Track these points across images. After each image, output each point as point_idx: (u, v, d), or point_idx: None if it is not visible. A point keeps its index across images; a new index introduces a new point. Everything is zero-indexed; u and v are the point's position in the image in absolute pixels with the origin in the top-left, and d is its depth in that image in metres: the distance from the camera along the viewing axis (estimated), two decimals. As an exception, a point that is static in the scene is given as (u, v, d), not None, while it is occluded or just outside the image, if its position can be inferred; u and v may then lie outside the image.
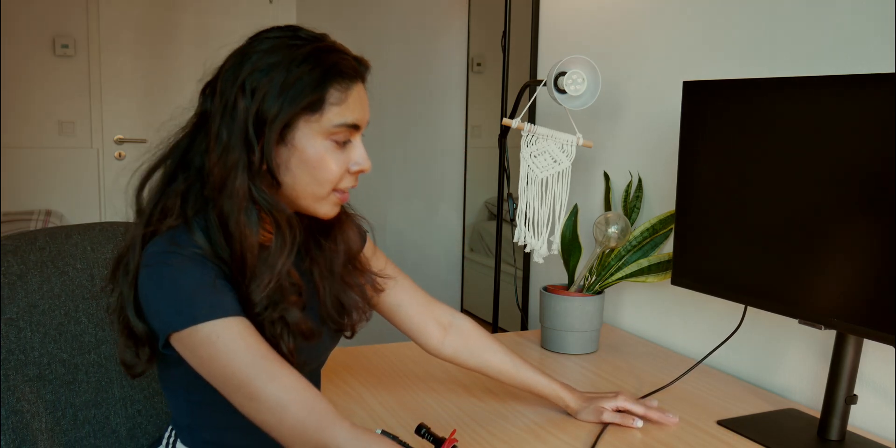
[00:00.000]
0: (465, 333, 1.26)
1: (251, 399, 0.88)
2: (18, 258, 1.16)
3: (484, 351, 1.25)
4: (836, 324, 1.14)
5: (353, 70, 0.97)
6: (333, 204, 1.01)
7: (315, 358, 1.09)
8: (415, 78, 2.98)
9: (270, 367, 0.89)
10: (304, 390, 0.89)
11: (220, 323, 0.89)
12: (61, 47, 4.01)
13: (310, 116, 0.94)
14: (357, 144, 1.00)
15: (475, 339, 1.26)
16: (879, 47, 1.24)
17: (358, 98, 0.97)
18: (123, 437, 1.23)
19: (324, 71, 0.94)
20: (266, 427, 0.89)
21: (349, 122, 0.96)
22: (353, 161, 0.99)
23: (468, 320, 1.27)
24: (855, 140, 1.09)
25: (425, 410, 1.29)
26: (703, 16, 1.58)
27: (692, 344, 1.63)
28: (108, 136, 4.16)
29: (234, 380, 0.88)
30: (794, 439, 1.20)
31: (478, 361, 1.25)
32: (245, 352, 0.88)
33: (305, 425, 0.87)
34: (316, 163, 0.95)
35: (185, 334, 0.89)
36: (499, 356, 1.26)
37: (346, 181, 0.99)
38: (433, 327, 1.24)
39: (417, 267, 2.99)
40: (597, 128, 1.87)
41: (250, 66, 0.93)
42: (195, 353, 0.90)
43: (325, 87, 0.94)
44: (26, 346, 1.15)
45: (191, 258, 0.91)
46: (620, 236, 1.61)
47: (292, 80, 0.92)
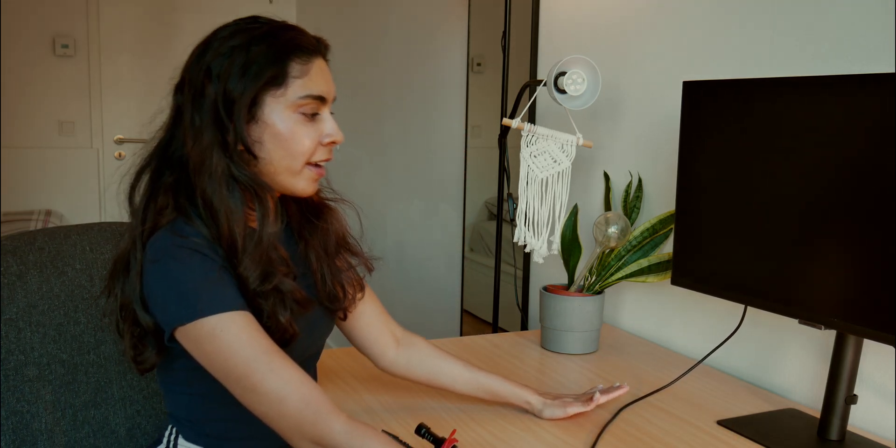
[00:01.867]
0: (419, 348, 1.26)
1: (251, 391, 0.91)
2: (17, 258, 1.16)
3: (437, 361, 1.25)
4: (836, 324, 1.13)
5: (312, 45, 1.00)
6: (310, 179, 1.03)
7: (313, 342, 1.11)
8: (415, 78, 2.98)
9: (271, 360, 0.91)
10: (303, 384, 0.91)
11: (224, 317, 0.91)
12: (61, 47, 4.01)
13: (275, 91, 0.97)
14: (326, 117, 1.02)
15: (429, 352, 1.26)
16: (879, 47, 1.24)
17: (320, 71, 1.00)
18: (122, 438, 1.23)
19: (282, 46, 0.97)
20: (265, 419, 0.92)
21: (314, 93, 0.99)
22: (325, 133, 1.01)
23: (422, 339, 1.28)
24: (855, 140, 1.09)
25: (425, 410, 1.29)
26: (703, 16, 1.58)
27: (692, 344, 1.63)
28: (108, 136, 4.16)
29: (236, 372, 0.91)
30: (794, 439, 1.20)
31: (430, 372, 1.25)
32: (248, 345, 0.91)
33: (303, 417, 0.90)
34: (287, 136, 0.98)
35: (191, 328, 0.91)
36: (451, 365, 1.25)
37: (319, 154, 1.02)
38: (388, 339, 1.24)
39: (417, 267, 2.99)
40: (597, 128, 1.87)
41: (213, 53, 0.97)
42: (199, 346, 0.92)
43: (286, 61, 0.97)
44: (26, 347, 1.15)
45: (195, 250, 0.94)
46: (620, 236, 1.61)
47: (253, 58, 0.96)
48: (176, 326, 0.92)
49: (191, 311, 0.91)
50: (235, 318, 0.92)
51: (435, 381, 1.25)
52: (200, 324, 0.91)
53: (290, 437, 0.92)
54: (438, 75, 2.80)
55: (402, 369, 1.25)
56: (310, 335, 1.08)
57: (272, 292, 0.97)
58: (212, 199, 0.96)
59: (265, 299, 0.96)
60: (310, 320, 1.07)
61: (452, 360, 1.26)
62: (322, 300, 1.10)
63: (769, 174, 1.21)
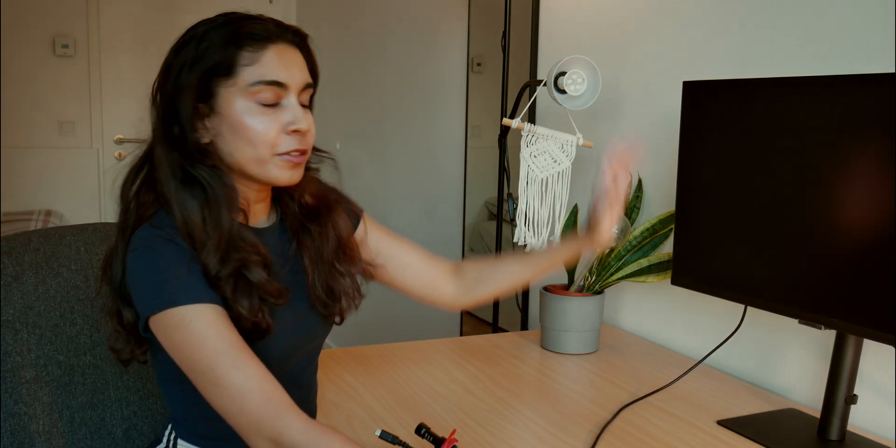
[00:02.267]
0: (467, 270, 1.26)
1: (214, 385, 0.90)
2: (13, 259, 1.16)
3: (491, 272, 1.25)
4: (836, 324, 1.13)
5: (268, 31, 0.97)
6: (282, 168, 0.99)
7: (302, 343, 1.08)
8: (415, 78, 2.98)
9: (237, 355, 0.91)
10: (266, 381, 0.91)
11: (195, 308, 0.91)
12: (61, 47, 4.01)
13: (226, 81, 0.96)
14: (289, 104, 0.98)
15: (478, 269, 1.26)
16: (879, 47, 1.24)
17: (277, 57, 0.97)
18: (119, 439, 1.23)
19: (230, 36, 0.95)
20: (226, 414, 0.91)
21: (266, 79, 0.96)
22: (287, 121, 0.98)
23: (463, 263, 1.28)
24: (855, 140, 1.08)
25: (425, 410, 1.29)
26: (703, 16, 1.57)
27: (692, 344, 1.63)
28: (108, 136, 4.16)
29: (201, 364, 0.91)
30: (794, 439, 1.20)
31: (493, 286, 1.25)
32: (215, 338, 0.91)
33: (262, 414, 0.89)
34: (243, 125, 0.96)
35: (162, 317, 0.92)
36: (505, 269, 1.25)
37: (284, 143, 0.98)
38: (445, 279, 1.25)
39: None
40: (597, 128, 1.86)
41: (173, 50, 0.98)
42: (167, 334, 0.92)
43: (233, 49, 0.95)
44: (23, 348, 1.15)
45: (171, 240, 0.94)
46: (620, 236, 1.60)
47: (202, 49, 0.95)
48: (149, 315, 0.93)
49: (163, 299, 0.91)
50: (206, 311, 0.92)
51: (501, 290, 1.26)
52: (171, 313, 0.91)
53: (247, 435, 0.90)
54: (438, 75, 2.79)
55: (468, 302, 1.26)
56: (296, 334, 1.05)
57: (235, 278, 0.95)
58: (164, 191, 0.96)
59: (227, 285, 0.95)
60: (297, 320, 1.05)
61: (503, 263, 1.26)
62: (314, 303, 1.08)
63: (769, 174, 1.21)
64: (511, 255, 1.27)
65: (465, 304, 1.26)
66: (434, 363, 1.53)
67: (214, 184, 0.97)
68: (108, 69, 4.10)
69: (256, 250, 0.99)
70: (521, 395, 1.37)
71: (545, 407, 1.31)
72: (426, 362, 1.53)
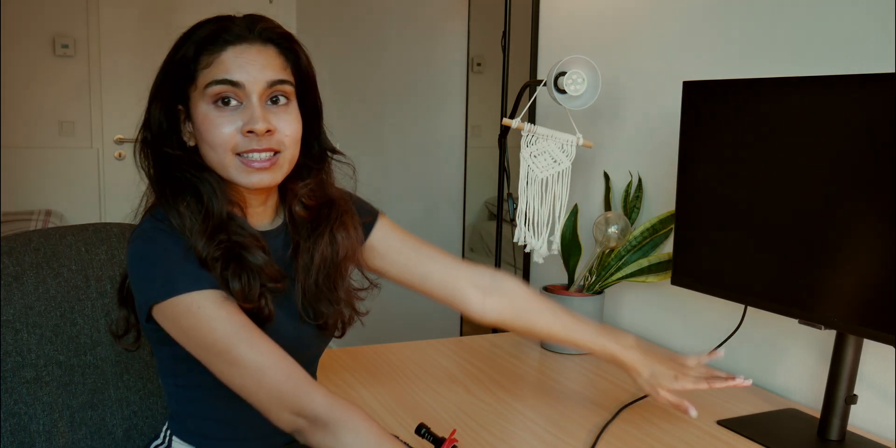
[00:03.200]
0: (507, 294, 1.21)
1: (231, 365, 0.90)
2: (14, 259, 1.16)
3: (530, 312, 1.21)
4: (836, 324, 1.13)
5: (226, 32, 0.96)
6: (241, 170, 0.97)
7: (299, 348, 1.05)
8: (415, 78, 2.98)
9: (250, 334, 0.91)
10: (283, 358, 0.91)
11: (200, 294, 0.92)
12: (61, 47, 4.01)
13: (191, 86, 0.97)
14: (249, 104, 0.95)
15: (519, 300, 1.21)
16: (879, 47, 1.24)
17: (233, 57, 0.95)
18: (120, 439, 1.23)
19: (195, 41, 0.97)
20: (245, 392, 0.91)
21: (219, 78, 0.94)
22: (244, 121, 0.95)
23: (511, 280, 1.23)
24: (855, 140, 1.08)
25: (425, 410, 1.29)
26: (702, 16, 1.57)
27: (692, 344, 1.63)
28: (108, 136, 4.16)
29: (216, 347, 0.91)
30: (794, 439, 1.20)
31: (524, 324, 1.22)
32: (226, 320, 0.91)
33: (283, 389, 0.89)
34: (202, 126, 0.97)
35: (167, 305, 0.92)
36: (546, 318, 1.21)
37: (242, 143, 0.96)
38: (470, 291, 1.19)
39: (417, 267, 2.98)
40: (597, 128, 1.86)
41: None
42: (177, 323, 0.92)
43: (195, 53, 0.96)
44: (23, 348, 1.15)
45: (170, 232, 0.95)
46: (620, 236, 1.61)
47: (173, 53, 0.98)
48: (153, 304, 0.93)
49: (166, 288, 0.92)
50: (212, 295, 0.92)
51: (530, 334, 1.24)
52: (177, 301, 0.91)
53: (269, 409, 0.90)
54: (438, 75, 2.79)
55: (493, 321, 1.21)
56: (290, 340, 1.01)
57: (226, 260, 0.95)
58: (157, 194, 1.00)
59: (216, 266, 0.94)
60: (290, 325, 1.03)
61: (546, 314, 1.21)
62: (301, 314, 1.05)
63: (769, 174, 1.21)
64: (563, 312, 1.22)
65: (489, 321, 1.21)
66: (434, 363, 1.53)
67: (199, 178, 0.99)
68: (108, 69, 4.10)
69: (251, 235, 1.00)
70: (521, 395, 1.37)
71: (545, 407, 1.31)
72: (426, 362, 1.53)
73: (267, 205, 1.06)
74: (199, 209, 0.97)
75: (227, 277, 0.95)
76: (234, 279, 0.95)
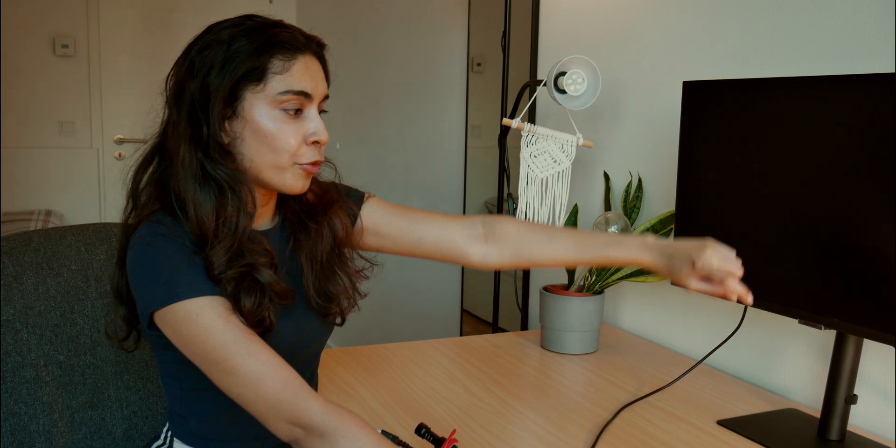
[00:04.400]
0: (502, 237, 1.20)
1: (229, 373, 0.91)
2: (14, 259, 1.16)
3: (530, 248, 1.19)
4: (836, 324, 1.13)
5: (296, 41, 0.98)
6: (298, 177, 1.01)
7: (302, 342, 1.09)
8: (415, 78, 2.98)
9: (249, 343, 0.91)
10: (280, 367, 0.92)
11: (201, 300, 0.92)
12: (61, 47, 4.01)
13: (254, 87, 0.96)
14: (311, 115, 1.00)
15: (516, 238, 1.20)
16: (879, 47, 1.24)
17: (304, 68, 0.99)
18: (119, 438, 1.23)
19: (262, 42, 0.96)
20: (242, 401, 0.92)
21: (295, 89, 0.97)
22: (309, 132, 1.00)
23: (503, 221, 1.22)
24: (855, 140, 1.08)
25: (425, 410, 1.29)
26: (703, 16, 1.57)
27: (692, 344, 1.63)
28: (108, 136, 4.16)
29: (213, 355, 0.91)
30: (794, 439, 1.20)
31: (529, 260, 1.20)
32: (224, 328, 0.91)
33: (280, 398, 0.90)
34: (267, 132, 0.97)
35: (167, 311, 0.92)
36: (547, 248, 1.18)
37: (305, 153, 1.00)
38: (466, 245, 1.20)
39: (417, 267, 2.99)
40: (597, 128, 1.86)
41: (198, 48, 0.97)
42: (176, 329, 0.92)
43: (265, 56, 0.96)
44: (23, 348, 1.15)
45: (172, 237, 0.95)
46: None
47: (233, 53, 0.95)
48: (153, 310, 0.93)
49: (167, 294, 0.91)
50: (211, 303, 0.92)
51: (545, 266, 1.21)
52: (177, 307, 0.91)
53: (266, 419, 0.91)
54: (438, 75, 2.79)
55: (501, 266, 1.21)
56: (295, 336, 1.05)
57: (239, 279, 0.96)
58: (182, 191, 0.96)
59: (229, 285, 0.95)
60: (295, 322, 1.05)
61: (545, 242, 1.18)
62: (310, 303, 1.08)
63: (769, 174, 1.21)
64: (564, 233, 1.19)
65: (494, 266, 1.21)
66: (434, 363, 1.53)
67: (236, 186, 0.98)
68: (108, 69, 4.10)
69: (263, 251, 1.00)
70: (521, 395, 1.37)
71: (545, 407, 1.31)
72: (426, 362, 1.53)
73: (269, 206, 1.08)
74: (229, 225, 0.96)
75: (238, 295, 0.95)
76: (248, 297, 0.95)
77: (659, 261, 1.12)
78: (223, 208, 0.97)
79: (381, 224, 1.20)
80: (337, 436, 0.88)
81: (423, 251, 1.21)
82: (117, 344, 1.07)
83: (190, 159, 0.96)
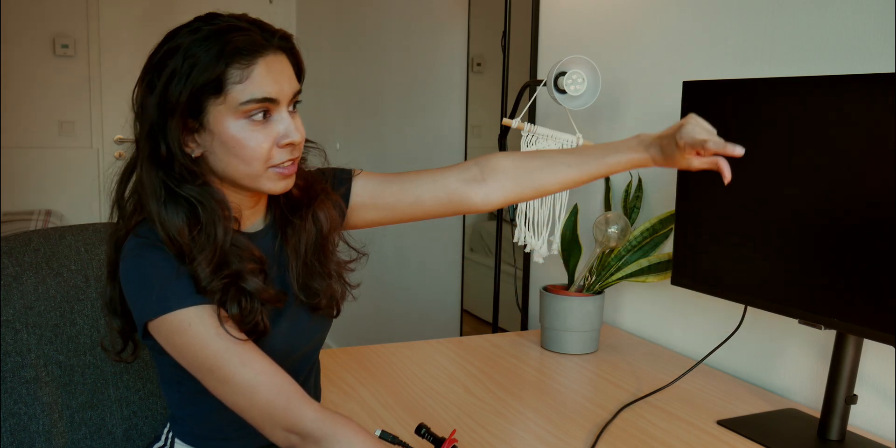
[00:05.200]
0: (499, 172, 1.17)
1: (223, 382, 0.91)
2: (13, 259, 1.16)
3: (531, 177, 1.16)
4: (836, 324, 1.13)
5: (254, 44, 0.93)
6: (276, 180, 0.98)
7: (301, 341, 1.07)
8: (415, 78, 2.98)
9: (242, 352, 0.91)
10: (274, 374, 0.91)
11: (192, 310, 0.91)
12: (61, 47, 4.01)
13: (215, 99, 0.92)
14: (280, 118, 0.95)
15: (514, 171, 1.17)
16: (879, 47, 1.24)
17: (266, 71, 0.93)
18: (119, 439, 1.23)
19: (218, 51, 0.91)
20: (237, 409, 0.92)
21: (257, 97, 0.92)
22: (280, 134, 0.95)
23: (495, 157, 1.18)
24: (855, 140, 1.08)
25: (425, 410, 1.29)
26: (703, 16, 1.57)
27: (692, 344, 1.63)
28: (108, 136, 4.17)
29: (207, 364, 0.91)
30: (794, 439, 1.20)
31: (533, 190, 1.17)
32: (217, 337, 0.91)
33: (274, 406, 0.90)
34: (235, 143, 0.93)
35: (160, 322, 0.92)
36: (548, 173, 1.16)
37: (277, 156, 0.96)
38: (465, 190, 1.16)
39: (417, 267, 2.99)
40: (597, 128, 1.86)
41: (156, 60, 0.93)
42: (169, 340, 0.92)
43: (221, 66, 0.91)
44: (23, 348, 1.15)
45: (157, 248, 0.94)
46: (620, 236, 1.60)
47: (189, 64, 0.91)
48: (147, 321, 0.93)
49: (159, 305, 0.91)
50: (203, 312, 0.92)
51: (544, 194, 1.18)
52: (169, 318, 0.91)
53: (262, 427, 0.91)
54: (438, 75, 2.79)
55: (502, 201, 1.18)
56: (291, 335, 1.04)
57: (225, 288, 0.94)
58: (148, 212, 0.95)
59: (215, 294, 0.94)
60: (289, 320, 1.04)
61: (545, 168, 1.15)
62: (297, 298, 1.06)
63: (769, 174, 1.21)
64: (559, 153, 1.16)
65: (498, 203, 1.18)
66: (434, 363, 1.53)
67: (205, 201, 0.95)
68: (108, 69, 4.10)
69: (251, 257, 0.98)
70: (521, 395, 1.37)
71: (545, 407, 1.31)
72: (426, 362, 1.53)
73: (258, 206, 1.06)
74: (205, 238, 0.94)
75: (224, 303, 0.94)
76: (233, 304, 0.95)
77: (656, 153, 1.11)
78: (195, 223, 0.95)
79: (377, 195, 1.17)
80: (332, 442, 0.88)
81: (423, 210, 1.17)
82: (115, 357, 1.06)
83: (149, 179, 0.94)
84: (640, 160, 1.13)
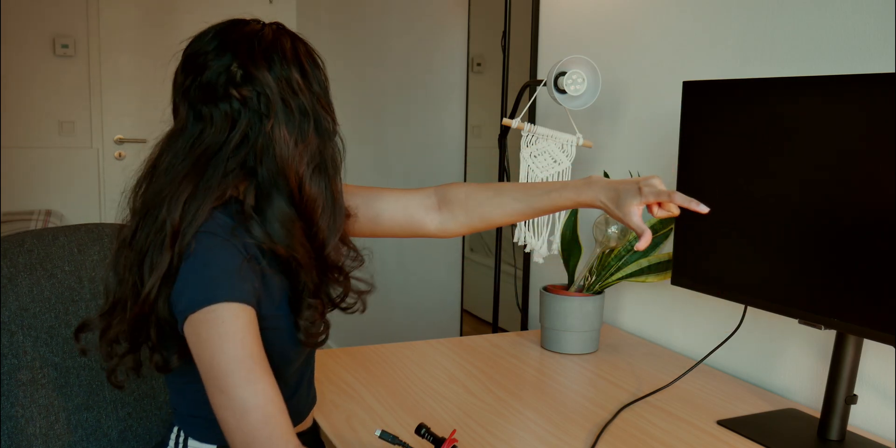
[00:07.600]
0: (454, 202, 1.20)
1: (222, 392, 0.88)
2: (8, 261, 1.16)
3: (482, 208, 1.19)
4: (836, 324, 1.13)
5: None
6: None
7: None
8: (415, 78, 2.98)
9: (253, 367, 0.89)
10: (271, 402, 0.89)
11: (233, 306, 0.90)
12: (61, 47, 4.00)
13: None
14: None
15: (466, 202, 1.19)
16: (879, 47, 1.23)
17: None
18: (115, 441, 1.23)
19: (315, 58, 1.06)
20: (224, 425, 0.89)
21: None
22: None
23: (453, 186, 1.22)
24: (855, 140, 1.08)
25: (425, 410, 1.29)
26: (703, 15, 1.57)
27: (692, 344, 1.63)
28: (108, 136, 4.16)
29: (218, 369, 0.89)
30: (794, 439, 1.19)
31: (484, 221, 1.20)
32: (238, 345, 0.89)
33: (256, 436, 0.87)
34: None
35: (200, 313, 0.90)
36: (498, 206, 1.18)
37: None
38: (422, 216, 1.20)
39: (417, 267, 2.98)
40: (597, 128, 1.86)
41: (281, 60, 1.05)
42: (198, 331, 0.90)
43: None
44: (19, 350, 1.15)
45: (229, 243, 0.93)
46: (620, 236, 1.60)
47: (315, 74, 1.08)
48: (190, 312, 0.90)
49: (205, 295, 0.90)
50: (241, 313, 0.90)
51: (495, 226, 1.20)
52: (209, 309, 0.89)
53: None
54: (438, 75, 2.79)
55: (455, 230, 1.21)
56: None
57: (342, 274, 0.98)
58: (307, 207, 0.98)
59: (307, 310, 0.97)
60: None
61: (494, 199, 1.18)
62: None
63: (769, 174, 1.21)
64: (510, 186, 1.19)
65: (453, 233, 1.21)
66: (434, 363, 1.53)
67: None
68: (108, 69, 4.10)
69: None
70: (521, 395, 1.37)
71: (545, 407, 1.31)
72: (426, 362, 1.53)
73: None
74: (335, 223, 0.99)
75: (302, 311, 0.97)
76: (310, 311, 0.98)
77: (605, 195, 1.11)
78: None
79: None
80: None
81: (382, 228, 1.19)
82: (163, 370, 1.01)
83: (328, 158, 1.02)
84: (586, 201, 1.14)
